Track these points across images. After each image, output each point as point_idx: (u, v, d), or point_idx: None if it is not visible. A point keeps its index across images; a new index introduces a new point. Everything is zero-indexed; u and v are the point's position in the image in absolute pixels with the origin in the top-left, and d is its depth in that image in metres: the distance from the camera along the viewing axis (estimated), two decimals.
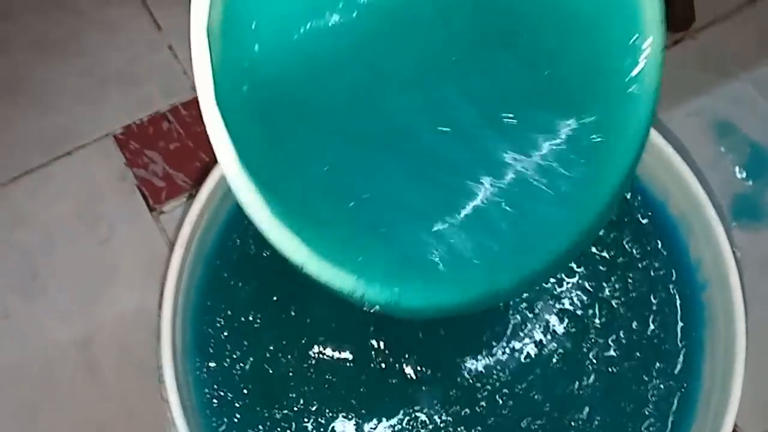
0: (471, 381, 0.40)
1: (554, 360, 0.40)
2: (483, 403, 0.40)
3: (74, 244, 0.53)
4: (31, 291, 0.52)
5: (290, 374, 0.40)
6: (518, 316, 0.41)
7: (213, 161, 0.41)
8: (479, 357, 0.40)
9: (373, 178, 0.24)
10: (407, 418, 0.40)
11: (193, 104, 0.56)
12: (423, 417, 0.40)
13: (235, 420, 0.38)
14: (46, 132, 0.55)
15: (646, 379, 0.39)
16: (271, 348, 0.40)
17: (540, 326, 0.40)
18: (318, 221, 0.24)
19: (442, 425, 0.39)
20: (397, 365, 0.41)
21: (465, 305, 0.24)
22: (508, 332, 0.41)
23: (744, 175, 0.58)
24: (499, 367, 0.40)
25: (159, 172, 0.54)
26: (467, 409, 0.40)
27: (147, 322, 0.51)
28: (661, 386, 0.40)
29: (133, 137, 0.55)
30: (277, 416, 0.39)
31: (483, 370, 0.40)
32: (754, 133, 0.59)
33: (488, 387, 0.40)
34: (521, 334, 0.40)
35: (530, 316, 0.41)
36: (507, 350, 0.40)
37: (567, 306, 0.40)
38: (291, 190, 0.24)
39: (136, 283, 0.52)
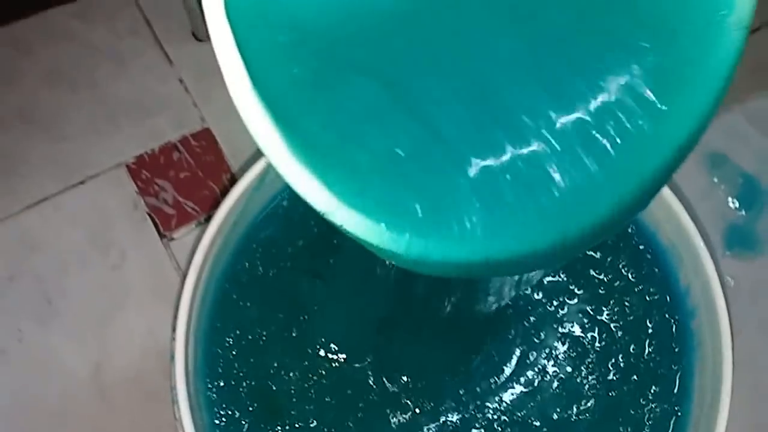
0: (471, 408, 0.41)
1: (555, 384, 0.41)
2: (482, 431, 0.41)
3: (87, 270, 0.54)
4: (45, 316, 0.53)
5: (293, 391, 0.41)
6: (521, 341, 0.42)
7: (222, 190, 0.43)
8: (481, 383, 0.41)
9: (410, 117, 0.21)
10: None
11: (203, 135, 0.58)
12: None
13: None
14: (59, 161, 0.57)
15: (643, 402, 0.40)
16: (275, 365, 0.41)
17: (543, 351, 0.42)
18: (345, 165, 0.21)
19: None
20: (397, 388, 0.42)
21: (503, 263, 0.20)
22: (511, 358, 0.42)
23: (737, 205, 0.59)
24: (501, 393, 0.41)
25: (169, 200, 0.56)
26: None
27: (157, 346, 0.52)
28: (657, 410, 0.41)
29: (145, 166, 0.57)
30: None
31: (484, 396, 0.41)
32: (746, 164, 0.61)
33: (489, 413, 0.41)
34: (524, 360, 0.41)
35: (535, 341, 0.42)
36: (509, 376, 0.41)
37: (568, 330, 0.42)
38: (316, 131, 0.22)
39: (147, 308, 0.54)
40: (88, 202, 0.56)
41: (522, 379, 0.41)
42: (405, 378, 0.42)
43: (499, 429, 0.41)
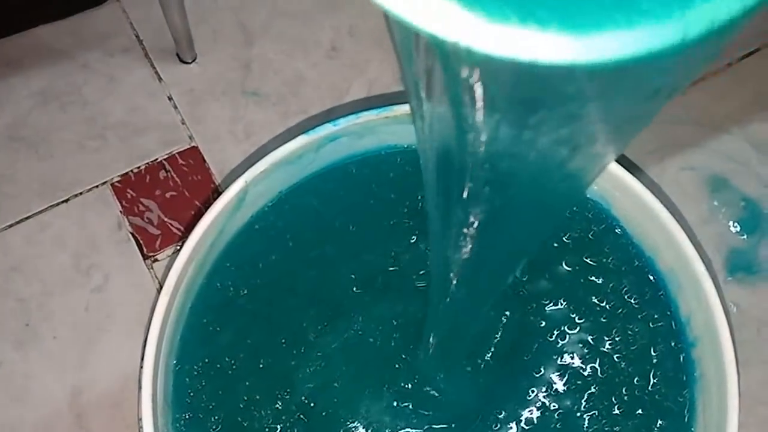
0: None
1: (556, 421, 0.39)
2: None
3: (68, 292, 0.53)
4: (23, 339, 0.52)
5: (266, 430, 0.39)
6: (520, 376, 0.40)
7: (208, 209, 0.41)
8: (478, 422, 0.39)
9: None
10: None
11: (191, 153, 0.56)
12: None
13: None
14: (43, 179, 0.56)
15: None
16: (245, 398, 0.39)
17: (543, 386, 0.40)
18: None
19: None
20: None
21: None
22: (509, 395, 0.40)
23: (738, 229, 0.58)
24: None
25: (154, 220, 0.55)
26: None
27: (137, 371, 0.51)
28: None
29: (130, 185, 0.55)
30: None
31: None
32: (748, 188, 0.59)
33: None
34: (523, 396, 0.40)
35: (534, 374, 0.40)
36: (506, 415, 0.40)
37: (569, 361, 0.40)
38: None
39: (129, 331, 0.52)
40: (71, 221, 0.55)
41: (521, 417, 0.39)
42: (390, 426, 0.40)
43: None
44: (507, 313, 0.41)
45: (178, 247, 0.54)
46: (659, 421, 0.39)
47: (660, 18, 0.14)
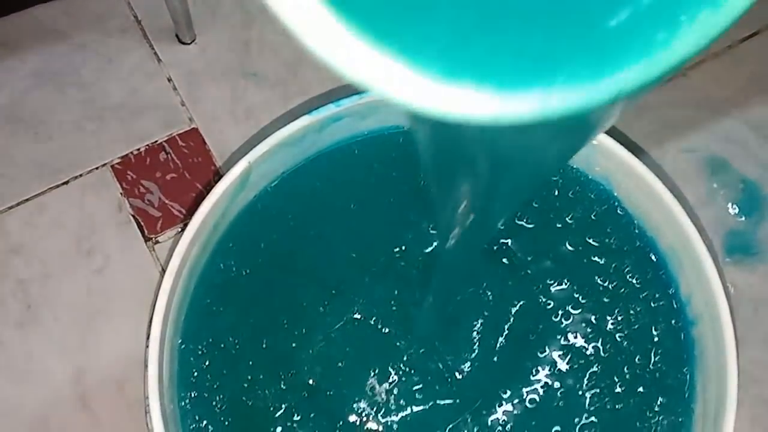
0: (472, 429, 0.39)
1: (559, 399, 0.40)
2: None
3: (69, 274, 0.53)
4: (25, 321, 0.52)
5: (271, 409, 0.39)
6: (523, 355, 0.40)
7: (209, 191, 0.41)
8: (481, 401, 0.40)
9: None
10: None
11: (191, 135, 0.56)
12: None
13: None
14: (43, 161, 0.56)
15: (649, 415, 0.39)
16: (249, 378, 0.39)
17: (546, 365, 0.40)
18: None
19: None
20: (387, 416, 0.40)
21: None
22: (513, 374, 0.40)
23: (736, 211, 0.58)
24: (502, 412, 0.39)
25: (155, 202, 0.55)
26: None
27: (140, 352, 0.51)
28: (665, 422, 0.39)
29: (130, 167, 0.55)
30: None
31: (484, 416, 0.39)
32: (747, 170, 0.59)
33: (498, 430, 0.39)
34: (526, 376, 0.40)
35: (538, 355, 0.40)
36: (511, 394, 0.40)
37: (572, 341, 0.40)
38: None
39: (130, 313, 0.52)
40: (71, 203, 0.55)
41: (525, 395, 0.40)
42: (394, 406, 0.40)
43: None
44: (511, 293, 0.41)
45: (180, 229, 0.54)
46: (660, 399, 0.39)
47: (576, 82, 0.15)
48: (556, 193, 0.42)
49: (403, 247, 0.42)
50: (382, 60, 0.16)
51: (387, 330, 0.41)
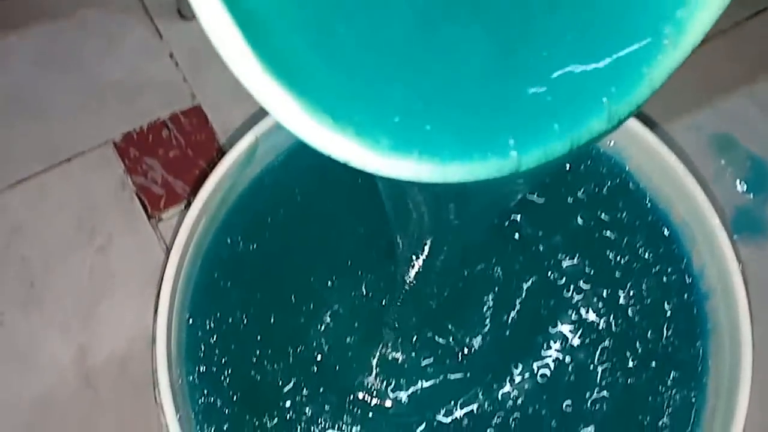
0: (481, 404, 0.39)
1: (571, 375, 0.39)
2: (498, 421, 0.39)
3: (72, 253, 0.52)
4: (27, 300, 0.51)
5: (279, 383, 0.39)
6: (534, 331, 0.40)
7: (213, 169, 0.41)
8: (491, 376, 0.39)
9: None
10: None
11: (193, 112, 0.55)
12: None
13: (225, 428, 0.38)
14: (44, 139, 0.55)
15: (662, 390, 0.39)
16: (257, 353, 0.39)
17: (558, 340, 0.40)
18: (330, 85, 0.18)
19: None
20: (397, 392, 0.40)
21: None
22: (523, 350, 0.40)
23: (744, 188, 0.58)
24: (512, 387, 0.39)
25: (158, 179, 0.54)
26: None
27: (145, 331, 0.50)
28: (677, 397, 0.39)
29: (133, 145, 0.55)
30: (268, 425, 0.38)
31: (494, 391, 0.39)
32: (755, 146, 0.59)
33: (499, 408, 0.39)
34: (537, 351, 0.40)
35: (550, 330, 0.40)
36: (521, 369, 0.40)
37: (584, 316, 0.40)
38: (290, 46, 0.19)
39: (134, 291, 0.52)
40: (73, 181, 0.54)
41: (536, 370, 0.39)
42: (403, 381, 0.40)
43: (512, 425, 0.39)
44: (522, 268, 0.41)
45: (184, 207, 0.53)
46: (672, 373, 0.39)
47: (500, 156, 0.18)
48: (568, 167, 0.41)
49: None
50: (338, 139, 0.19)
51: (396, 305, 0.40)
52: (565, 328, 0.40)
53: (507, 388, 0.39)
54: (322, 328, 0.40)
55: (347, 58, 0.19)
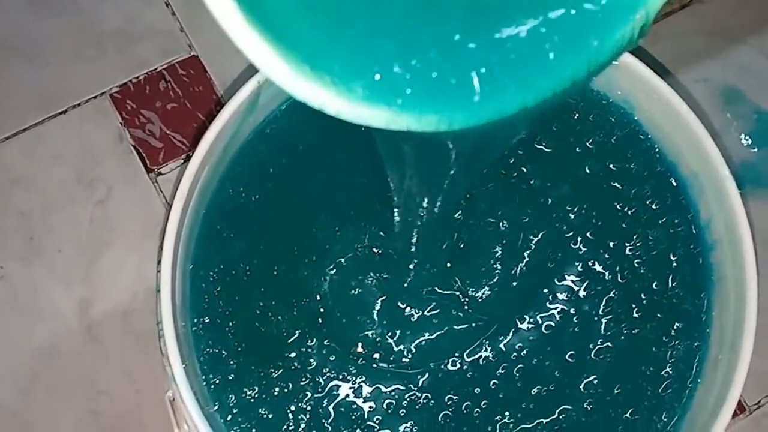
0: (486, 353, 0.39)
1: (576, 325, 0.39)
2: (502, 371, 0.39)
3: (71, 206, 0.52)
4: (28, 253, 0.51)
5: (284, 335, 0.39)
6: (541, 281, 0.40)
7: (211, 121, 0.40)
8: (497, 326, 0.39)
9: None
10: (407, 394, 0.39)
11: (191, 63, 0.54)
12: (425, 394, 0.38)
13: (230, 378, 0.38)
14: (40, 90, 0.54)
15: (665, 340, 0.39)
16: (261, 305, 0.39)
17: (564, 291, 0.40)
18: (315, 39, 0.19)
19: (449, 403, 0.38)
20: (399, 344, 0.39)
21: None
22: (530, 300, 0.40)
23: (749, 141, 0.57)
24: (517, 337, 0.39)
25: (156, 132, 0.53)
26: (479, 389, 0.39)
27: (146, 283, 0.50)
28: (680, 347, 0.39)
29: (130, 96, 0.54)
30: (273, 376, 0.38)
31: (499, 340, 0.39)
32: (762, 100, 0.58)
33: (504, 358, 0.39)
34: (543, 302, 0.39)
35: (556, 282, 0.40)
36: (528, 319, 0.39)
37: (590, 267, 0.40)
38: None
39: (134, 244, 0.51)
40: (70, 133, 0.53)
41: (542, 321, 0.39)
42: (409, 333, 0.39)
43: (516, 375, 0.39)
44: (529, 219, 0.40)
45: (183, 160, 0.53)
46: (676, 324, 0.39)
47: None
48: (576, 116, 0.40)
49: None
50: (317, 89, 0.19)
51: (400, 257, 0.40)
52: (570, 280, 0.40)
53: (512, 339, 0.39)
54: (327, 279, 0.40)
55: (323, 8, 0.19)
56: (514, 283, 0.40)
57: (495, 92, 0.19)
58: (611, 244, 0.40)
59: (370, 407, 0.38)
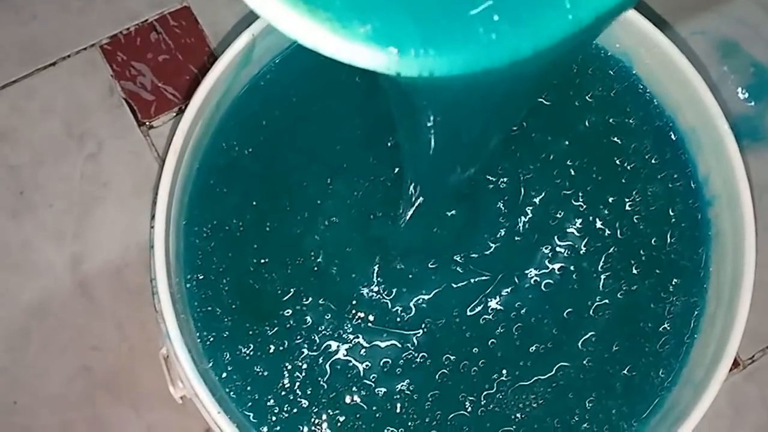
0: (486, 308, 0.39)
1: (575, 281, 0.39)
2: (501, 330, 0.39)
3: (61, 160, 0.51)
4: (18, 209, 0.50)
5: (278, 292, 0.39)
6: (539, 237, 0.40)
7: (204, 74, 0.39)
8: (495, 282, 0.39)
9: None
10: (404, 353, 0.39)
11: (182, 13, 0.53)
12: (422, 353, 0.38)
13: (225, 335, 0.38)
14: (27, 42, 0.53)
15: (663, 296, 0.39)
16: (255, 262, 0.39)
17: (563, 247, 0.39)
18: None
19: (446, 362, 0.39)
20: (393, 297, 0.39)
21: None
22: (528, 256, 0.40)
23: (746, 95, 0.57)
24: (515, 294, 0.39)
25: (147, 85, 0.52)
26: (476, 348, 0.39)
27: (138, 238, 0.50)
28: (678, 303, 0.39)
29: (120, 48, 0.53)
30: (268, 333, 0.38)
31: (497, 297, 0.39)
32: (759, 53, 0.58)
33: (503, 316, 0.39)
34: (542, 259, 0.39)
35: (556, 237, 0.39)
36: (526, 275, 0.39)
37: (589, 222, 0.39)
38: None
39: (126, 199, 0.51)
40: (60, 85, 0.52)
41: (541, 278, 0.39)
42: (405, 291, 0.39)
43: (515, 333, 0.39)
44: (529, 174, 0.40)
45: (175, 114, 0.52)
46: (674, 280, 0.39)
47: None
48: (575, 69, 0.40)
49: None
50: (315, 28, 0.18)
51: (395, 213, 0.40)
52: (570, 236, 0.40)
53: (509, 296, 0.39)
54: (321, 236, 0.40)
55: None
56: (512, 240, 0.39)
57: (501, 38, 0.18)
58: (610, 199, 0.40)
59: (366, 365, 0.38)
